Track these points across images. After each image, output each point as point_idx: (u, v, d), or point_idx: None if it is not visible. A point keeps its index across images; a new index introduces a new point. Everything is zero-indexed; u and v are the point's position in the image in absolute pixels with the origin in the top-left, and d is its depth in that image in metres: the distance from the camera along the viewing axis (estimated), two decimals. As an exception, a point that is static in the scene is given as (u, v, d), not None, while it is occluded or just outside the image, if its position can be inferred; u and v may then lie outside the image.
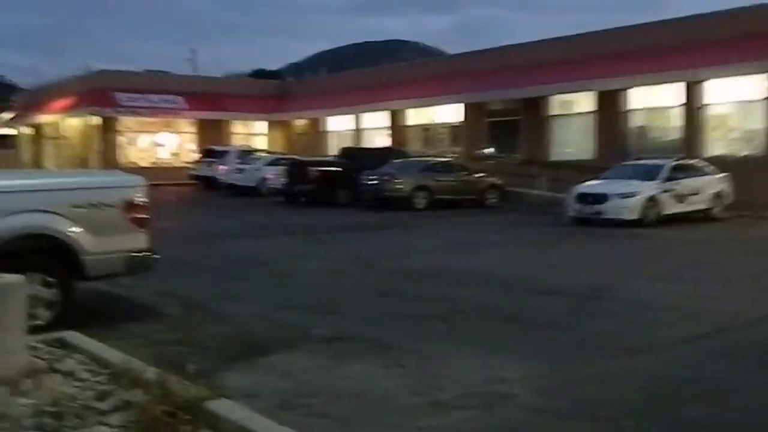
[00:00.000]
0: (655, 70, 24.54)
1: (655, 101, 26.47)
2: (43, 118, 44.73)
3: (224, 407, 4.27)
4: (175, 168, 39.92)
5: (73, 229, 7.09)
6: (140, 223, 7.51)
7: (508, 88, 29.38)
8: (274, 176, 28.29)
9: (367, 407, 5.24)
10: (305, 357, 6.52)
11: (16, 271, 5.48)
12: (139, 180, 7.75)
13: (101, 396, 4.78)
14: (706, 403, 5.44)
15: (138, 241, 7.52)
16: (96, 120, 39.47)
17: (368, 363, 6.35)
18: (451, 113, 33.43)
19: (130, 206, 7.44)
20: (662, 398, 5.55)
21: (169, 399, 4.33)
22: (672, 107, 25.77)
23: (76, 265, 7.16)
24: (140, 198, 7.53)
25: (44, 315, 6.93)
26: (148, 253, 7.64)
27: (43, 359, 5.48)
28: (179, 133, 42.48)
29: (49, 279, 7.04)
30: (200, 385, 4.58)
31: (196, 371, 4.82)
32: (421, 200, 23.67)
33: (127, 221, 7.42)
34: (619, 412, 5.16)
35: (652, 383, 5.92)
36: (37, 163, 45.37)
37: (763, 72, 22.65)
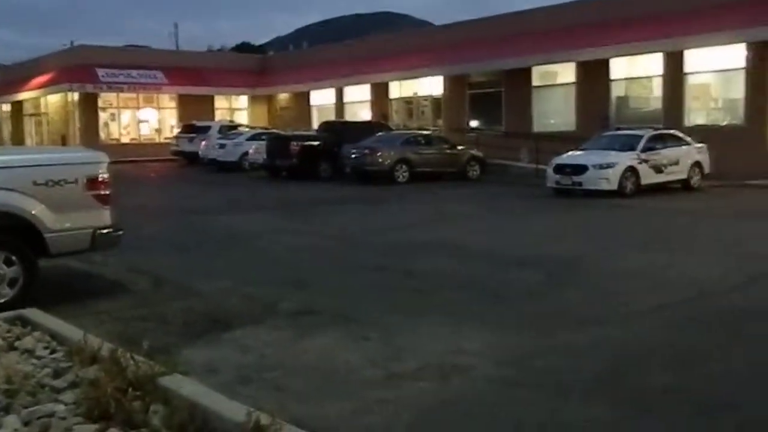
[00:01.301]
0: (636, 40, 24.48)
1: (636, 71, 26.43)
2: (23, 95, 44.25)
3: (176, 383, 4.24)
4: (157, 144, 39.74)
5: (35, 206, 7.02)
6: (103, 200, 7.43)
7: (490, 60, 29.25)
8: (256, 151, 28.16)
9: (324, 380, 5.24)
10: (269, 331, 6.50)
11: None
12: (102, 156, 7.66)
13: (57, 373, 4.76)
14: (670, 371, 5.44)
15: (101, 217, 7.45)
16: (76, 96, 39.10)
17: (333, 336, 6.34)
18: (434, 86, 33.25)
19: (93, 183, 7.36)
20: (622, 367, 5.57)
21: (122, 375, 4.31)
22: (653, 77, 25.77)
23: (39, 242, 7.10)
24: (103, 174, 7.45)
25: (6, 293, 6.89)
26: (112, 230, 7.58)
27: (1, 337, 5.45)
28: (161, 108, 42.18)
29: (11, 257, 6.98)
30: (156, 360, 4.55)
31: (151, 347, 4.78)
32: (402, 173, 23.58)
33: (89, 198, 7.34)
34: (573, 382, 5.17)
35: (616, 352, 5.96)
36: (16, 140, 44.94)
37: (741, 41, 22.62)
